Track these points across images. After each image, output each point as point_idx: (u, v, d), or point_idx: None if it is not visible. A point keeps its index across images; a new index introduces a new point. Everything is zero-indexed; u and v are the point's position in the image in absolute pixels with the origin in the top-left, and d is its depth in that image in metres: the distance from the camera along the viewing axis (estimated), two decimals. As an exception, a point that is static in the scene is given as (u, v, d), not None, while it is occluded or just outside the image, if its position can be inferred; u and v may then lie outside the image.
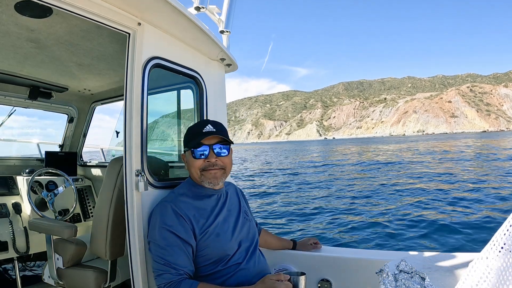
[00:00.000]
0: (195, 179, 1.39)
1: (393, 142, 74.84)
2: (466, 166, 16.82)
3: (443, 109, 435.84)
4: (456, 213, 7.66)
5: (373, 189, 11.70)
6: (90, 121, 3.58)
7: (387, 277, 1.04)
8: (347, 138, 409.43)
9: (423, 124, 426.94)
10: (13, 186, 2.81)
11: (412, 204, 8.96)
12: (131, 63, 1.46)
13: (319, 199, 10.46)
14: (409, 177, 14.00)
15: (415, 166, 18.32)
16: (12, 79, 2.62)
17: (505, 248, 0.59)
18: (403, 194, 10.40)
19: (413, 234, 6.39)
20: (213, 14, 1.98)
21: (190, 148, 1.36)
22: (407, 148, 38.42)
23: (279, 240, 1.91)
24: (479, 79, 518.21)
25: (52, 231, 1.90)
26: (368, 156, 29.37)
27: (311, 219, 7.83)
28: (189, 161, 1.38)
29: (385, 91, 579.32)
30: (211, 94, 1.99)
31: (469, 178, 12.79)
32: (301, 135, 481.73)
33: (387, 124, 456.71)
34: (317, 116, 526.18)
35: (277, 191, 12.45)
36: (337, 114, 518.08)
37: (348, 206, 9.14)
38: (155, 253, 1.26)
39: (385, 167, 18.68)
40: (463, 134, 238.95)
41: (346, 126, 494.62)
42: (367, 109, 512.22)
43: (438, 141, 59.41)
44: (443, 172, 14.64)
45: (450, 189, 10.60)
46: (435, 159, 22.80)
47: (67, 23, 1.76)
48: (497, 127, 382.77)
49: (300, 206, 9.31)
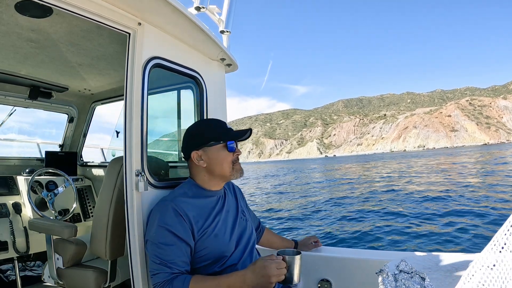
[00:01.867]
0: (221, 174, 1.36)
1: (396, 158, 72.21)
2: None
3: (443, 124, 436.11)
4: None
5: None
6: (90, 121, 3.58)
7: (387, 277, 1.04)
8: (348, 155, 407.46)
9: (423, 139, 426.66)
10: (13, 186, 2.81)
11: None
12: (131, 63, 1.46)
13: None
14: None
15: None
16: (12, 79, 2.62)
17: (505, 248, 0.59)
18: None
19: (413, 234, 6.39)
20: (213, 14, 1.98)
21: (222, 140, 1.34)
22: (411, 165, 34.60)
23: (282, 240, 1.91)
24: (478, 92, 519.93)
25: (52, 231, 1.90)
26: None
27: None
28: (219, 156, 1.34)
29: (384, 107, 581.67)
30: (211, 94, 1.99)
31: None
32: (302, 153, 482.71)
33: (387, 140, 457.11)
34: (317, 134, 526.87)
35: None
36: (337, 131, 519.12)
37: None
38: (152, 252, 1.25)
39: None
40: (463, 148, 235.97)
41: (347, 143, 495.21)
42: (367, 126, 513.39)
43: (443, 156, 56.48)
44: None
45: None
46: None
47: (67, 23, 1.76)
48: (498, 140, 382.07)
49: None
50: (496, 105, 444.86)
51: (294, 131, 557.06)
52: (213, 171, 1.36)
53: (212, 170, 1.36)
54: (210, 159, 1.34)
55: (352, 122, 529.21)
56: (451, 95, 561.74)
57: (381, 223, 7.41)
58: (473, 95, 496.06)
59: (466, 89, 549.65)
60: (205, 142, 1.34)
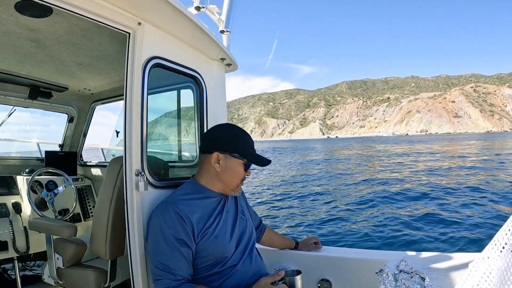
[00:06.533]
0: (227, 185, 1.38)
1: (403, 142, 71.53)
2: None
3: (447, 109, 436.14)
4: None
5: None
6: (90, 121, 3.58)
7: (387, 277, 1.04)
8: (350, 137, 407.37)
9: (426, 124, 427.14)
10: (13, 186, 2.81)
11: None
12: (131, 62, 1.46)
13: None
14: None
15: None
16: (12, 79, 2.62)
17: (506, 248, 0.59)
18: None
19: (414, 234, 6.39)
20: (213, 14, 1.98)
21: (246, 159, 1.35)
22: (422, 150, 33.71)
23: (283, 239, 1.91)
24: (483, 79, 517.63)
25: (52, 230, 1.90)
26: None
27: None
28: (236, 169, 1.35)
29: (388, 90, 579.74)
30: (211, 94, 1.99)
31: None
32: (304, 134, 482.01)
33: (390, 124, 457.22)
34: (320, 115, 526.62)
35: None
36: (340, 113, 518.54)
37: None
38: (154, 257, 1.25)
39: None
40: (466, 134, 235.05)
41: (349, 125, 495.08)
42: (370, 108, 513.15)
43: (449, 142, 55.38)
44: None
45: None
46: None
47: (67, 22, 1.76)
48: (501, 128, 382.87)
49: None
50: (501, 93, 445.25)
51: (297, 111, 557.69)
52: (222, 179, 1.37)
53: (221, 178, 1.37)
54: (226, 168, 1.35)
55: (355, 104, 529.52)
56: (456, 81, 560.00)
57: (381, 224, 7.41)
58: (478, 82, 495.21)
59: (471, 75, 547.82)
60: (231, 151, 1.34)
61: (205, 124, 1.94)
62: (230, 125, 1.45)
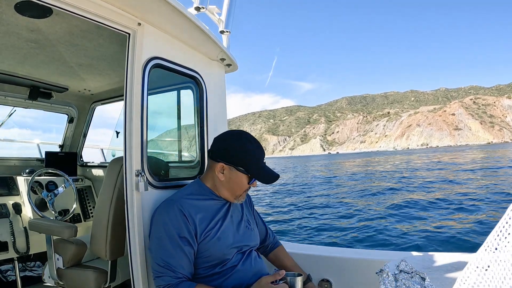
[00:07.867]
0: (230, 193, 1.37)
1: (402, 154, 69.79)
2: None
3: (447, 122, 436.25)
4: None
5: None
6: (90, 121, 3.58)
7: (387, 277, 1.04)
8: (351, 152, 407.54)
9: (427, 138, 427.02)
10: (13, 187, 2.80)
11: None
12: (131, 63, 1.46)
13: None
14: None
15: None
16: (12, 79, 2.62)
17: (499, 249, 0.60)
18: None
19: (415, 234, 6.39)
20: (213, 14, 1.98)
21: (252, 174, 1.33)
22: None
23: (295, 268, 1.62)
24: (482, 91, 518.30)
25: (52, 231, 1.90)
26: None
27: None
28: (239, 182, 1.34)
29: (388, 105, 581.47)
30: (211, 94, 1.99)
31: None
32: (305, 150, 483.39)
33: (390, 138, 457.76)
34: (320, 131, 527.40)
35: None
36: (341, 128, 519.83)
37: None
38: (156, 254, 1.26)
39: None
40: (467, 146, 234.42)
41: (350, 141, 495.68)
42: (370, 123, 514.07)
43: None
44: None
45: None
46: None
47: (67, 23, 1.76)
48: (501, 139, 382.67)
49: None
50: (500, 104, 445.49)
51: (298, 127, 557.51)
52: (225, 188, 1.37)
53: (224, 187, 1.37)
54: (230, 179, 1.34)
55: (355, 120, 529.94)
56: (455, 93, 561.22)
57: (381, 223, 7.41)
58: (477, 94, 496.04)
59: (470, 88, 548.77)
60: (237, 164, 1.32)
61: (205, 124, 1.94)
62: (241, 134, 1.40)
